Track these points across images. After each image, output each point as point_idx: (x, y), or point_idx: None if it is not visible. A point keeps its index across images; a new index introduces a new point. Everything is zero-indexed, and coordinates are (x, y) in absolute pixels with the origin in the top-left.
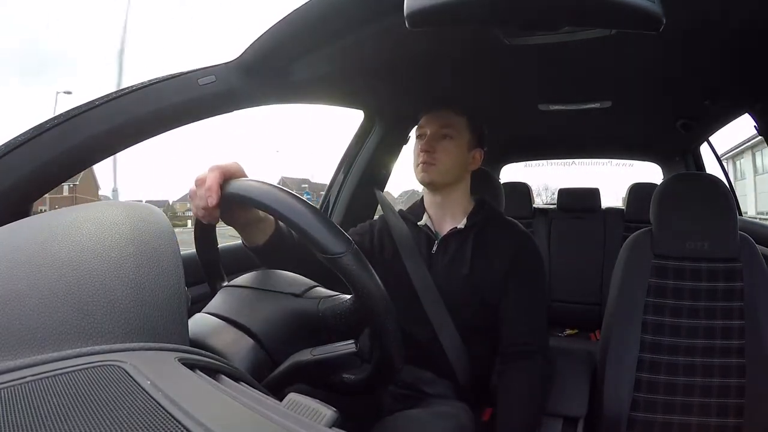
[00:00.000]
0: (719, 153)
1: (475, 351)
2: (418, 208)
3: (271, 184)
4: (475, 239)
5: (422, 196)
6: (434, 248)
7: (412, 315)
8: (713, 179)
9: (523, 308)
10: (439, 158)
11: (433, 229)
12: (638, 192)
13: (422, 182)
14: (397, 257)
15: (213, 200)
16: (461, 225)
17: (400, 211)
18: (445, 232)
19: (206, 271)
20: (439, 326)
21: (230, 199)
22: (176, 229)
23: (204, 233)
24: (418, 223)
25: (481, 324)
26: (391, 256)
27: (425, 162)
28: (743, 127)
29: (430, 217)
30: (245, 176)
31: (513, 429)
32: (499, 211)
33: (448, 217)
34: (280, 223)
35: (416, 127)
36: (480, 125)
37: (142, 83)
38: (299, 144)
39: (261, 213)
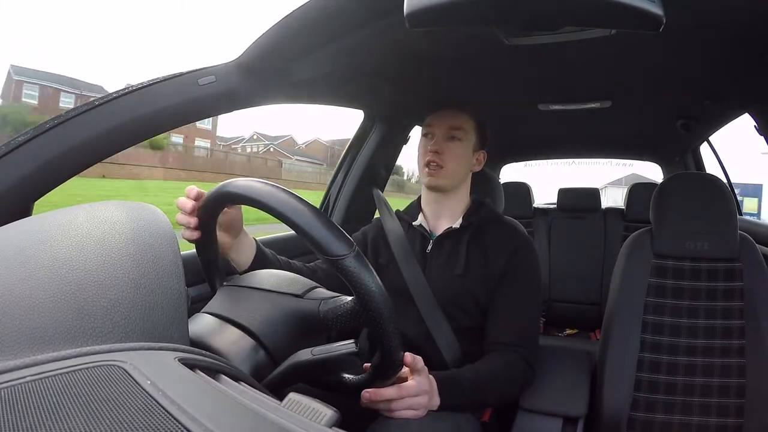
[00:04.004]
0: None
1: (470, 350)
2: (414, 208)
3: (272, 185)
4: (470, 239)
5: (419, 196)
6: (429, 248)
7: (406, 315)
8: (713, 179)
9: (511, 309)
10: (447, 161)
11: (428, 229)
12: (638, 192)
13: (428, 186)
14: (392, 259)
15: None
16: (456, 225)
17: (397, 211)
18: (440, 232)
19: (206, 270)
20: (434, 326)
21: (231, 199)
22: None
23: (204, 232)
24: (413, 224)
25: (476, 324)
26: (387, 260)
27: (433, 164)
28: (744, 126)
29: (426, 216)
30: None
31: (461, 383)
32: (497, 211)
33: (444, 217)
34: (262, 247)
35: (423, 125)
36: (485, 127)
37: (142, 83)
38: None
39: (243, 238)
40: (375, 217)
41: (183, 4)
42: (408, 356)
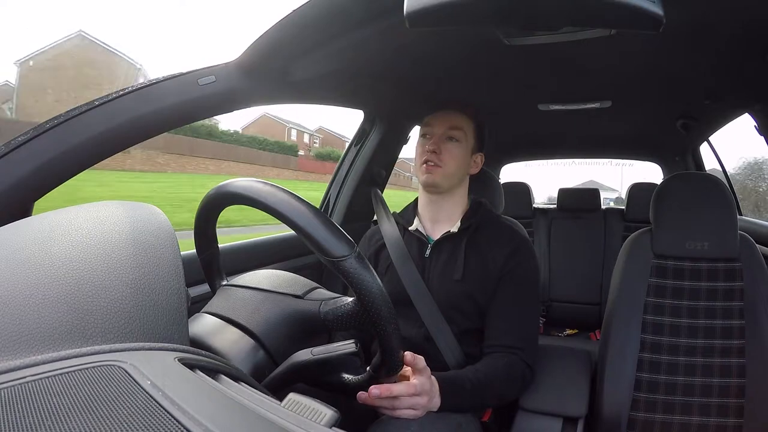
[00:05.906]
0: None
1: (472, 352)
2: (410, 211)
3: (272, 185)
4: (468, 243)
5: (416, 198)
6: (427, 252)
7: (406, 318)
8: (713, 179)
9: (510, 310)
10: (445, 160)
11: (425, 234)
12: (638, 192)
13: (425, 184)
14: (391, 263)
15: None
16: (454, 228)
17: (394, 213)
18: (438, 236)
19: (206, 270)
20: (434, 329)
21: (231, 200)
22: None
23: (204, 232)
24: (409, 228)
25: (477, 326)
26: (387, 263)
27: (430, 163)
28: (744, 126)
29: (422, 220)
30: None
31: (461, 383)
32: (496, 213)
33: (442, 221)
34: None
35: (422, 125)
36: (483, 129)
37: (142, 83)
38: None
39: None
40: (374, 219)
41: (183, 3)
42: (408, 355)
